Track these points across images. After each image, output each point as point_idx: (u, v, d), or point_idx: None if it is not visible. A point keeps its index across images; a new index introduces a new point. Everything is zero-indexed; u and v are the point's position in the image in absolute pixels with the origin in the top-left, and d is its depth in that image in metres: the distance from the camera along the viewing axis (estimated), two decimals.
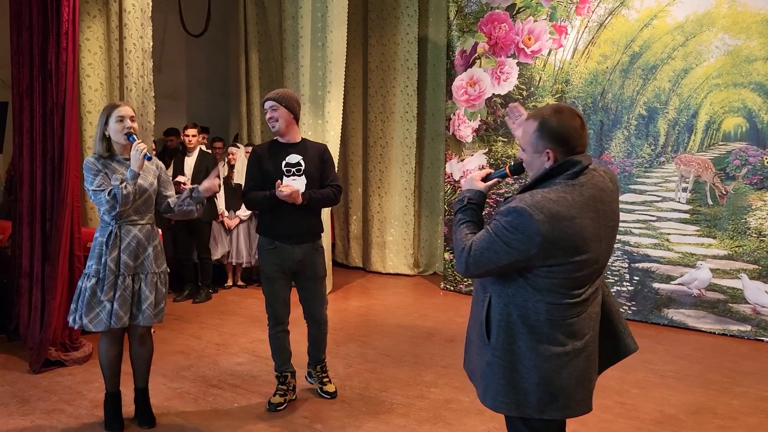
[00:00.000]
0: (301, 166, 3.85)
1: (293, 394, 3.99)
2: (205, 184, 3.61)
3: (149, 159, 3.42)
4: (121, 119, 3.41)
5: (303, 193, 3.78)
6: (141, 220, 3.48)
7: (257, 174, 3.89)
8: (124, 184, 3.32)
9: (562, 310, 2.15)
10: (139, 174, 3.38)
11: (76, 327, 3.50)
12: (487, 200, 2.49)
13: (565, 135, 2.15)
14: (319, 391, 4.07)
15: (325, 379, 4.11)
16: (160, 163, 3.69)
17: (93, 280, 3.39)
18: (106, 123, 3.43)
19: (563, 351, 2.17)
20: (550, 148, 2.16)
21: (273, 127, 3.86)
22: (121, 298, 3.39)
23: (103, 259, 3.38)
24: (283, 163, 3.85)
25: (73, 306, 3.47)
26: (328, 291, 4.99)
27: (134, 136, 3.39)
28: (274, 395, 3.94)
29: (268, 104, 3.84)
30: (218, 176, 3.67)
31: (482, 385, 2.30)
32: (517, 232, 2.06)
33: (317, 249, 3.95)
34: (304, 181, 3.84)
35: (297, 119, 3.91)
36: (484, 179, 2.40)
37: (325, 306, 4.03)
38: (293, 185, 3.76)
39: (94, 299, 3.39)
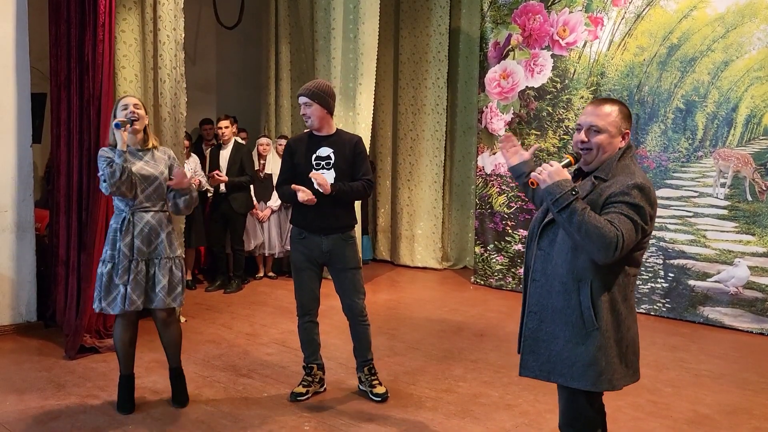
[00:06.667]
0: (331, 159, 3.83)
1: (319, 386, 4.00)
2: (173, 182, 3.64)
3: (117, 126, 3.44)
4: (125, 107, 3.52)
5: (332, 184, 3.75)
6: (153, 207, 3.58)
7: (289, 167, 3.92)
8: (111, 164, 3.41)
9: (635, 282, 2.44)
10: (124, 152, 3.43)
11: (97, 311, 3.63)
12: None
13: (631, 121, 2.51)
14: (369, 394, 3.94)
15: (375, 381, 3.96)
16: (172, 154, 3.74)
17: (109, 266, 3.52)
18: (114, 115, 3.55)
19: (635, 319, 2.45)
20: (628, 130, 2.47)
21: (306, 122, 3.85)
22: (133, 282, 3.49)
23: (117, 245, 3.50)
24: (314, 156, 3.84)
25: (96, 292, 3.59)
26: None
27: (119, 124, 3.45)
28: (298, 385, 3.96)
29: (301, 100, 3.81)
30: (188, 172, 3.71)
31: (594, 373, 2.36)
32: (648, 205, 2.31)
33: (347, 240, 3.90)
34: (333, 174, 3.82)
35: (331, 112, 3.88)
36: None
37: (359, 297, 3.94)
38: (322, 176, 3.73)
39: (111, 284, 3.51)
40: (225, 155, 6.63)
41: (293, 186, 3.76)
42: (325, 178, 3.75)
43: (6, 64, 4.97)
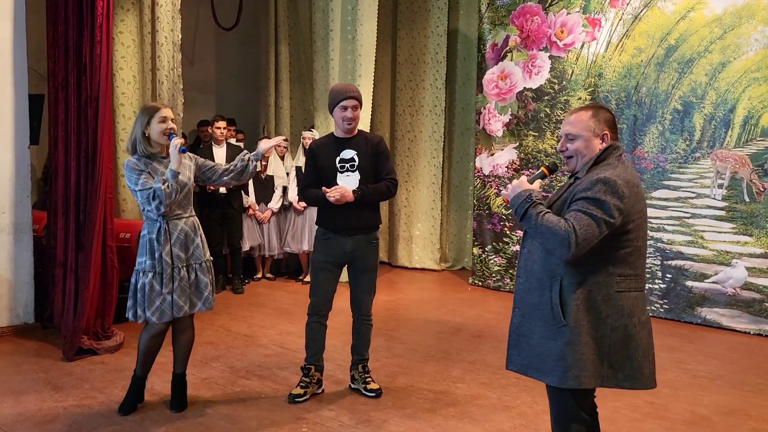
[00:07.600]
0: (355, 161, 3.86)
1: (317, 388, 4.00)
2: (265, 144, 3.84)
3: (183, 151, 3.51)
4: (164, 120, 3.51)
5: (354, 190, 3.79)
6: (185, 213, 3.61)
7: (313, 170, 3.94)
8: (166, 184, 3.43)
9: (628, 282, 2.40)
10: (178, 172, 3.48)
11: (139, 321, 3.60)
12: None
13: (614, 123, 2.54)
14: (363, 391, 4.00)
15: (368, 379, 4.05)
16: (191, 155, 3.80)
17: (149, 275, 3.51)
18: (148, 123, 3.50)
19: (630, 323, 2.39)
20: (606, 132, 2.49)
21: (349, 124, 3.84)
22: (179, 289, 3.54)
23: (156, 254, 3.51)
24: (337, 159, 3.87)
25: (130, 302, 3.58)
26: None
27: (173, 135, 3.50)
28: (296, 386, 3.96)
29: (351, 102, 3.80)
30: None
31: (561, 369, 2.39)
32: (613, 198, 2.31)
33: (371, 242, 3.95)
34: (358, 176, 3.85)
35: None
36: (529, 182, 2.55)
37: (370, 297, 4.01)
38: (342, 188, 3.77)
39: (154, 293, 3.51)
40: (221, 155, 6.60)
41: (323, 189, 3.80)
42: (343, 189, 3.76)
43: (3, 65, 4.97)
